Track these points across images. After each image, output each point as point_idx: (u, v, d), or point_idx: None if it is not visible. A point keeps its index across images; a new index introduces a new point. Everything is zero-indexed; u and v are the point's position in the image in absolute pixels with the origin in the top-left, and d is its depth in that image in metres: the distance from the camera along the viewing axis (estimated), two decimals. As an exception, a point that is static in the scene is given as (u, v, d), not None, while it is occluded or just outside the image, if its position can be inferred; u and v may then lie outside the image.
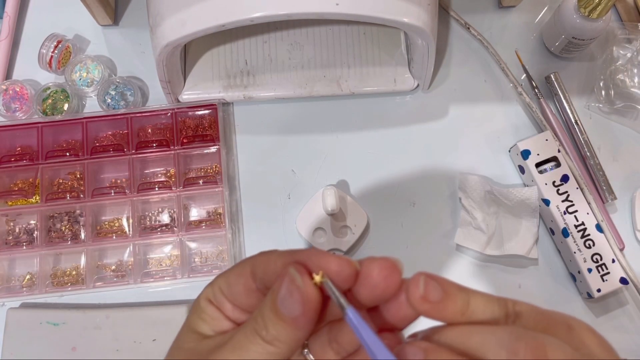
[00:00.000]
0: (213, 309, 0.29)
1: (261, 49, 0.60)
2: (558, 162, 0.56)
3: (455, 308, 0.24)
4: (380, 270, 0.24)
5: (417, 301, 0.24)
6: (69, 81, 0.60)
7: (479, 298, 0.24)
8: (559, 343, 0.23)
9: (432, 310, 0.24)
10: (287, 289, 0.24)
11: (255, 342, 0.25)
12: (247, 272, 0.28)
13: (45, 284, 0.55)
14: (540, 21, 0.64)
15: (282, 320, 0.25)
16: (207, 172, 0.59)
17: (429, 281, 0.24)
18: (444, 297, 0.24)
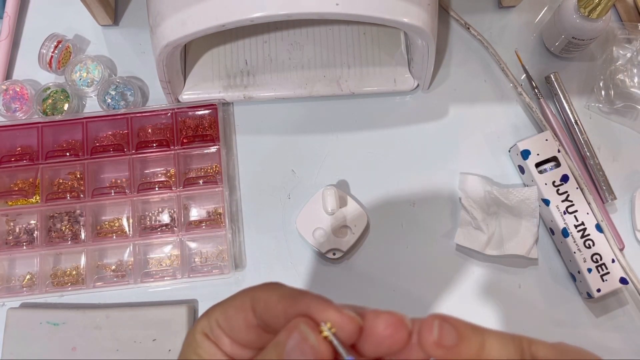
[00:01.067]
0: (209, 344, 0.27)
1: (261, 49, 0.60)
2: (558, 162, 0.56)
3: (470, 351, 0.23)
4: (386, 326, 0.23)
5: (430, 347, 0.23)
6: (69, 81, 0.60)
7: (494, 339, 0.23)
8: None
9: (446, 355, 0.23)
10: (299, 347, 0.23)
11: None
12: (247, 307, 0.26)
13: (45, 284, 0.55)
14: (540, 21, 0.64)
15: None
16: (207, 172, 0.59)
17: (443, 324, 0.23)
18: (459, 341, 0.23)
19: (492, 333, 0.24)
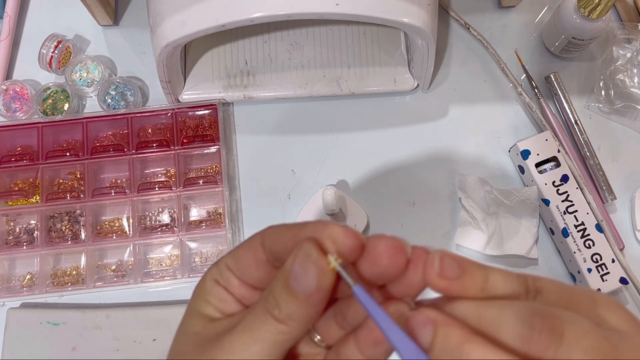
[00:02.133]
0: (219, 289, 0.27)
1: (261, 49, 0.60)
2: (558, 162, 0.56)
3: (474, 284, 0.23)
4: (386, 248, 0.24)
5: (433, 278, 0.23)
6: (69, 81, 0.60)
7: (498, 274, 0.24)
8: (578, 318, 0.22)
9: (450, 287, 0.23)
10: (302, 265, 0.24)
11: (267, 322, 0.24)
12: (256, 244, 0.27)
13: (45, 284, 0.55)
14: (540, 21, 0.64)
15: (295, 297, 0.24)
16: (207, 172, 0.59)
17: (445, 258, 0.23)
18: (462, 273, 0.23)
19: (496, 269, 0.24)
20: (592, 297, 0.23)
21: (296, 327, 0.24)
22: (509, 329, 0.21)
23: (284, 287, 0.24)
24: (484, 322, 0.22)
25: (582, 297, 0.23)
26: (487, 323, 0.22)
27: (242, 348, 0.24)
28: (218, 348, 0.25)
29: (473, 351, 0.21)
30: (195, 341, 0.26)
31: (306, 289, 0.24)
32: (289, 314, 0.24)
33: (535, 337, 0.21)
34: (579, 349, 0.21)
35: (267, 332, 0.24)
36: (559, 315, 0.21)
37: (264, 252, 0.26)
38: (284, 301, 0.24)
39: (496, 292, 0.23)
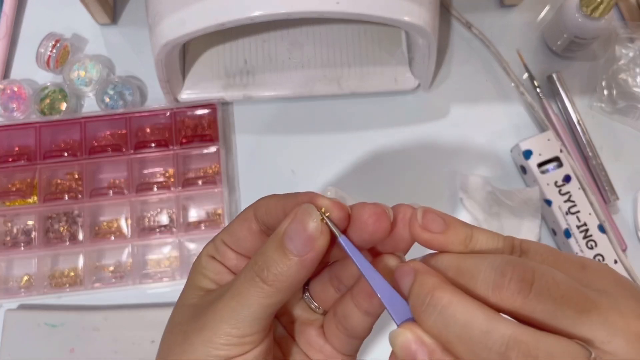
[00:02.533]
0: (215, 264, 0.28)
1: (261, 48, 0.60)
2: (560, 162, 0.55)
3: (458, 238, 0.24)
4: (370, 215, 0.25)
5: (417, 231, 0.24)
6: (67, 81, 0.59)
7: (483, 233, 0.24)
8: (552, 270, 0.22)
9: (433, 240, 0.24)
10: (300, 222, 0.24)
11: (255, 285, 0.25)
12: (249, 216, 0.28)
13: (43, 285, 0.54)
14: (542, 20, 0.64)
15: (287, 258, 0.24)
16: (206, 172, 0.58)
17: (428, 213, 0.24)
18: (446, 228, 0.24)
19: (482, 229, 0.25)
20: (582, 262, 0.23)
21: (284, 289, 0.25)
22: (483, 278, 0.22)
23: (276, 248, 0.25)
24: (461, 273, 0.23)
25: (571, 261, 0.23)
26: (464, 273, 0.23)
27: (231, 314, 0.25)
28: (210, 314, 0.26)
29: (441, 297, 0.22)
30: (191, 312, 0.27)
31: (301, 249, 0.24)
32: (276, 274, 0.24)
33: (506, 284, 0.21)
34: (548, 297, 0.21)
35: (254, 296, 0.25)
36: (532, 266, 0.22)
37: (257, 222, 0.27)
38: (273, 262, 0.24)
39: (480, 249, 0.24)
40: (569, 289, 0.21)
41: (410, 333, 0.22)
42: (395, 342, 0.22)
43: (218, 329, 0.25)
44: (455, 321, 0.21)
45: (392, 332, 0.23)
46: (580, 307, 0.21)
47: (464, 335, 0.21)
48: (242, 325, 0.25)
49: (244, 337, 0.25)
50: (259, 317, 0.25)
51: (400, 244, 0.26)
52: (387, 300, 0.24)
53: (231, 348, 0.25)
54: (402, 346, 0.22)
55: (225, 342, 0.25)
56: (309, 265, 0.24)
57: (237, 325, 0.25)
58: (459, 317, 0.21)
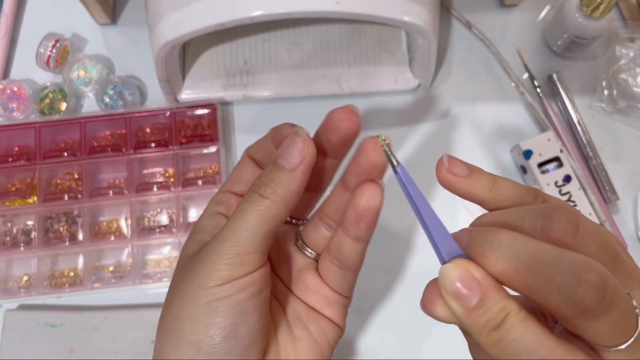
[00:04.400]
0: (219, 217, 0.30)
1: (261, 47, 0.60)
2: (560, 162, 0.55)
3: (482, 183, 0.25)
4: (340, 114, 0.29)
5: (444, 175, 0.26)
6: (67, 80, 0.59)
7: (505, 180, 0.26)
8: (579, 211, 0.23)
9: (459, 183, 0.26)
10: (290, 140, 0.27)
11: (253, 201, 0.27)
12: (245, 159, 0.31)
13: (43, 285, 0.54)
14: (542, 20, 0.64)
15: (281, 171, 0.27)
16: (206, 172, 0.58)
17: (452, 158, 0.27)
18: (470, 172, 0.26)
19: (504, 178, 0.26)
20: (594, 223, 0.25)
21: (280, 200, 0.27)
22: (531, 224, 0.23)
23: (271, 168, 0.27)
24: (508, 224, 0.24)
25: None
26: (512, 223, 0.24)
27: (233, 231, 0.27)
28: (214, 241, 0.27)
29: (505, 233, 0.22)
30: (193, 256, 0.28)
31: (292, 163, 0.27)
32: (274, 187, 0.27)
33: (555, 225, 0.22)
34: (592, 242, 0.22)
35: (253, 211, 0.27)
36: (574, 211, 0.23)
37: (253, 161, 0.31)
38: (269, 179, 0.27)
39: (503, 194, 0.25)
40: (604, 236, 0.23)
41: (462, 269, 0.22)
42: (446, 275, 0.22)
43: (221, 249, 0.26)
44: (524, 251, 0.22)
45: (444, 266, 0.23)
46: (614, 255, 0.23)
47: (534, 262, 0.21)
48: (243, 241, 0.26)
49: (245, 254, 0.26)
50: (258, 231, 0.26)
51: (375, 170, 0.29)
52: (438, 237, 0.24)
53: (234, 267, 0.26)
54: (453, 280, 0.22)
55: (228, 262, 0.26)
56: (300, 175, 0.27)
57: (238, 241, 0.26)
58: (528, 246, 0.22)
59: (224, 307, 0.26)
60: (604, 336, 0.21)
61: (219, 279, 0.26)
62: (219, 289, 0.26)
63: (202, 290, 0.26)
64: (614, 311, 0.20)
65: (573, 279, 0.20)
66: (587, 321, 0.21)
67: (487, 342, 0.22)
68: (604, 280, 0.20)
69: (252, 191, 0.27)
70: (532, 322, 0.21)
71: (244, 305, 0.26)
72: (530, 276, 0.21)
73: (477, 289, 0.22)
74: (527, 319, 0.21)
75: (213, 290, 0.26)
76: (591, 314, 0.20)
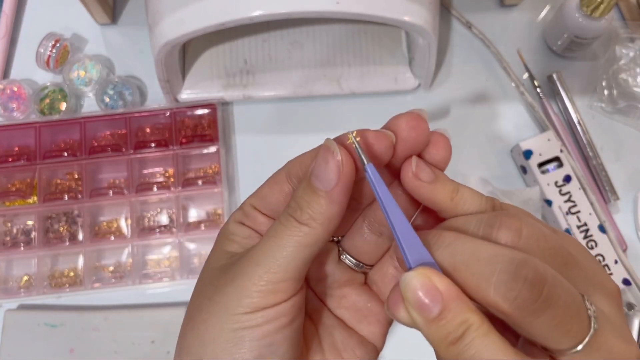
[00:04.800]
0: (244, 229, 0.27)
1: (261, 48, 0.60)
2: (560, 162, 0.55)
3: (444, 191, 0.25)
4: (408, 121, 0.25)
5: (409, 178, 0.25)
6: (67, 80, 0.59)
7: (467, 189, 0.25)
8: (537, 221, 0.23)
9: (422, 189, 0.25)
10: (323, 159, 0.24)
11: (290, 226, 0.24)
12: (281, 178, 0.27)
13: (43, 285, 0.54)
14: (542, 20, 0.64)
15: (316, 195, 0.24)
16: (206, 172, 0.58)
17: (420, 162, 0.25)
18: (435, 179, 0.25)
19: (467, 187, 0.26)
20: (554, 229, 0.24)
21: (319, 227, 0.24)
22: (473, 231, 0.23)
23: (305, 188, 0.24)
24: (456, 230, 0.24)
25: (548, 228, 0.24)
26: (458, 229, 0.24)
27: (267, 256, 0.24)
28: (244, 261, 0.25)
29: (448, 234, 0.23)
30: (221, 270, 0.26)
31: (327, 184, 0.24)
32: (310, 213, 0.24)
33: (494, 231, 0.22)
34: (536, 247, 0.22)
35: (290, 237, 0.24)
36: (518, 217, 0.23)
37: (289, 182, 0.27)
38: (305, 202, 0.24)
39: (464, 204, 0.25)
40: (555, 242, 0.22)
41: (424, 278, 0.21)
42: (407, 285, 0.22)
43: (253, 273, 0.24)
44: (463, 249, 0.22)
45: (405, 274, 0.22)
46: (565, 261, 0.22)
47: (471, 260, 0.21)
48: (278, 268, 0.24)
49: (278, 282, 0.24)
50: (295, 258, 0.24)
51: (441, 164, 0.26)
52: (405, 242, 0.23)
53: (264, 295, 0.24)
54: (414, 290, 0.21)
55: (259, 289, 0.24)
56: (338, 198, 0.24)
57: (272, 268, 0.24)
58: (467, 245, 0.22)
59: (251, 337, 0.24)
60: (549, 337, 0.21)
61: (248, 306, 0.24)
62: (247, 317, 0.24)
63: (229, 316, 0.24)
64: (553, 309, 0.20)
65: (508, 275, 0.20)
66: (525, 319, 0.20)
67: (446, 355, 0.21)
68: (539, 276, 0.20)
69: (287, 214, 0.25)
70: (493, 337, 0.21)
71: (273, 337, 0.24)
72: (468, 274, 0.21)
73: (439, 299, 0.21)
74: (488, 333, 0.21)
75: (240, 318, 0.24)
76: (527, 311, 0.20)
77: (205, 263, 0.28)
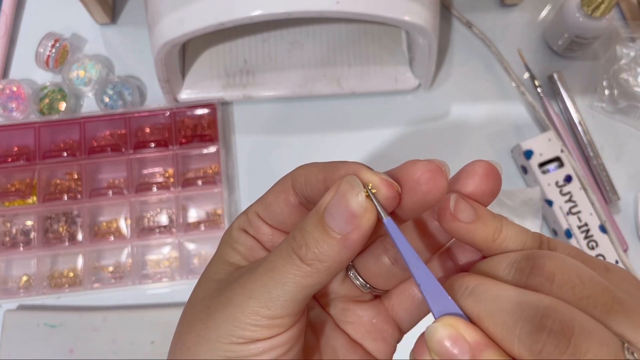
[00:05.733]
0: (247, 238, 0.26)
1: (260, 47, 0.60)
2: (561, 162, 0.55)
3: (486, 232, 0.23)
4: (423, 172, 0.22)
5: (446, 219, 0.23)
6: (67, 80, 0.59)
7: (512, 227, 0.23)
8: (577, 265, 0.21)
9: (462, 230, 0.23)
10: (342, 195, 0.21)
11: (291, 263, 0.22)
12: (287, 187, 0.25)
13: (42, 286, 0.54)
14: (543, 20, 0.64)
15: (328, 236, 0.21)
16: (206, 172, 0.58)
17: (460, 200, 0.23)
18: (476, 219, 0.22)
19: (512, 223, 0.23)
20: (606, 266, 0.22)
21: (324, 270, 0.22)
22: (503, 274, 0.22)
23: (316, 224, 0.22)
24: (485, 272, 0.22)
25: (595, 264, 0.22)
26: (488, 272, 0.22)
27: (262, 291, 0.22)
28: (238, 289, 0.23)
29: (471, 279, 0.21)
30: (216, 286, 0.24)
31: (343, 227, 0.21)
32: (317, 254, 0.22)
33: (523, 276, 0.21)
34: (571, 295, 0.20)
35: (290, 274, 0.22)
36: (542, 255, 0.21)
37: (295, 195, 0.25)
38: (313, 240, 0.22)
39: (507, 244, 0.23)
40: (595, 287, 0.20)
41: (450, 328, 0.20)
42: (433, 337, 0.20)
43: (245, 306, 0.22)
44: (486, 297, 0.20)
45: (430, 326, 0.21)
46: (608, 307, 0.20)
47: (495, 309, 0.20)
48: (274, 306, 0.22)
49: (274, 318, 0.22)
50: (294, 298, 0.22)
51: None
52: (429, 293, 0.22)
53: (258, 329, 0.22)
54: (440, 341, 0.20)
55: (252, 322, 0.22)
56: (352, 245, 0.21)
57: (267, 305, 0.22)
58: (491, 292, 0.20)
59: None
60: None
61: (241, 337, 0.22)
62: (240, 347, 0.22)
63: (220, 344, 0.23)
64: None
65: (532, 326, 0.19)
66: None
67: None
68: (565, 327, 0.19)
69: (290, 249, 0.22)
70: None
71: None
72: (492, 324, 0.20)
73: (466, 349, 0.20)
74: None
75: (232, 347, 0.22)
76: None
77: (205, 271, 0.26)
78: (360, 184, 0.22)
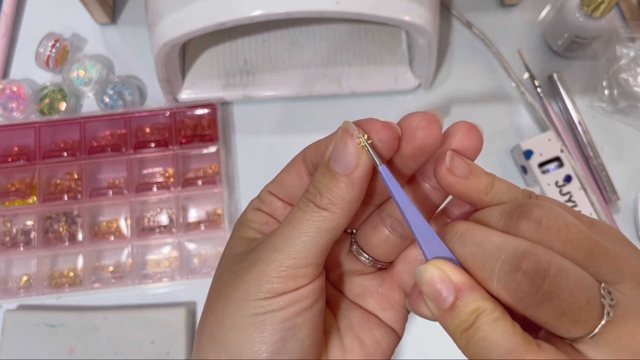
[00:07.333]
0: (262, 215, 0.27)
1: (261, 47, 0.60)
2: (561, 162, 0.55)
3: (479, 186, 0.24)
4: (420, 120, 0.24)
5: (442, 173, 0.24)
6: (67, 80, 0.59)
7: (503, 182, 0.25)
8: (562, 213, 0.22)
9: (456, 184, 0.24)
10: (341, 141, 0.24)
11: (310, 211, 0.24)
12: (298, 161, 0.27)
13: (42, 286, 0.54)
14: (542, 20, 0.64)
15: (336, 180, 0.24)
16: (206, 172, 0.58)
17: (455, 157, 0.24)
18: (469, 173, 0.24)
19: (503, 180, 0.25)
20: (591, 220, 0.24)
21: (339, 211, 0.24)
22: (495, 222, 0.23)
23: (324, 173, 0.24)
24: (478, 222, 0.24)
25: (582, 217, 0.24)
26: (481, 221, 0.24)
27: (286, 241, 0.24)
28: (263, 247, 0.25)
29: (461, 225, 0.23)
30: (240, 256, 0.26)
31: (346, 168, 0.23)
32: (330, 198, 0.24)
33: (513, 222, 0.22)
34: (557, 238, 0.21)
35: (310, 221, 0.24)
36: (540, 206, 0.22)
37: (305, 166, 0.27)
38: (324, 187, 0.24)
39: (499, 197, 0.24)
40: (579, 232, 0.22)
41: (437, 270, 0.22)
42: (422, 277, 0.22)
43: (272, 259, 0.24)
44: (472, 241, 0.22)
45: (420, 267, 0.23)
46: (590, 251, 0.21)
47: (478, 251, 0.22)
48: (298, 254, 0.24)
49: (298, 268, 0.24)
50: (316, 244, 0.24)
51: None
52: (422, 237, 0.23)
53: (285, 281, 0.24)
54: (428, 282, 0.22)
55: (279, 275, 0.24)
56: (358, 182, 0.24)
57: (292, 254, 0.24)
58: (477, 236, 0.22)
59: (272, 321, 0.24)
60: (556, 327, 0.21)
61: (268, 291, 0.24)
62: (267, 302, 0.24)
63: (249, 302, 0.24)
64: (556, 301, 0.20)
65: (509, 267, 0.20)
66: (528, 311, 0.21)
67: (460, 344, 0.22)
68: (540, 268, 0.20)
69: (307, 199, 0.24)
70: (503, 322, 0.21)
71: (294, 320, 0.24)
72: (475, 265, 0.22)
73: (451, 290, 0.22)
74: (499, 318, 0.21)
75: (261, 303, 0.24)
76: (528, 303, 0.20)
77: (224, 251, 0.28)
78: (355, 128, 0.24)
